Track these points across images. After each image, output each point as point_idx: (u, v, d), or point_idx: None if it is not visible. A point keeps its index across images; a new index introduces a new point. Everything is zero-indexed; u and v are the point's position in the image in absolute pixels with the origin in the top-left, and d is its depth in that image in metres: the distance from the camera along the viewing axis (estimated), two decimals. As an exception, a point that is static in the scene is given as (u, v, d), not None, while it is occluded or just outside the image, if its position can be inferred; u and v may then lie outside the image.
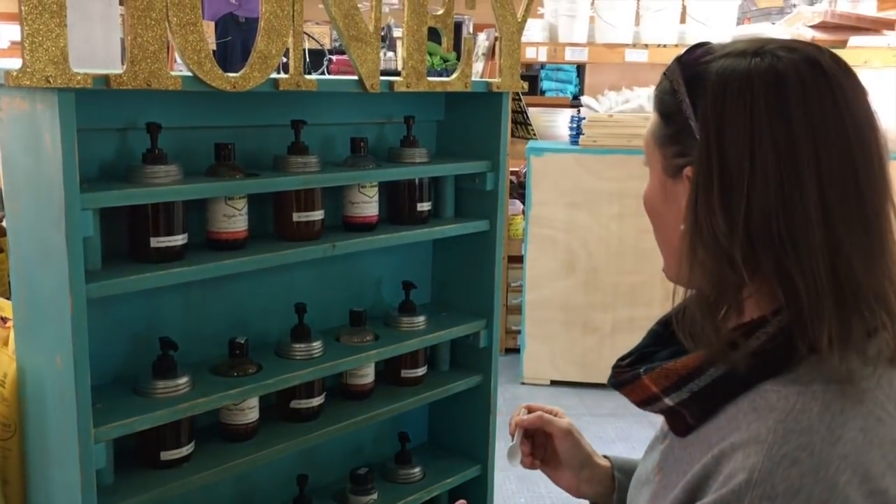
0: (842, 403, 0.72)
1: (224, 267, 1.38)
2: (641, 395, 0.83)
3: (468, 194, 1.80)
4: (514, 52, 1.69)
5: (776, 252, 0.72)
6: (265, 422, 1.57)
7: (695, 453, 0.78)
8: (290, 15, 1.35)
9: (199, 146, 1.47)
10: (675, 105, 0.80)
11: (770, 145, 0.73)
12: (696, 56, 0.80)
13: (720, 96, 0.76)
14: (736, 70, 0.76)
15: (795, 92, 0.74)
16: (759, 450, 0.70)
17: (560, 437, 1.06)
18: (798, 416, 0.71)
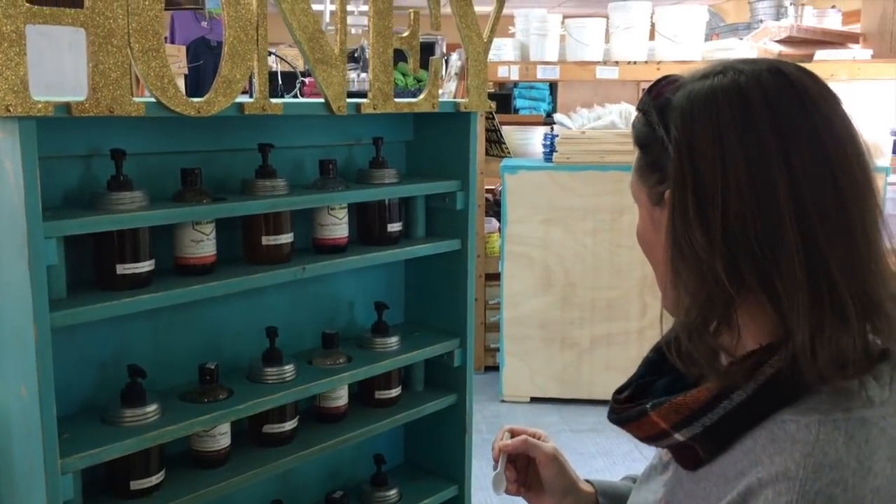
0: (866, 433, 0.69)
1: (191, 293, 1.37)
2: (649, 432, 0.80)
3: (439, 214, 1.81)
4: (480, 72, 1.71)
5: (756, 259, 0.71)
6: (237, 447, 1.55)
7: (710, 488, 0.76)
8: (255, 39, 1.35)
9: (167, 172, 1.46)
10: (650, 134, 0.80)
11: (740, 153, 0.72)
12: (664, 85, 0.81)
13: (687, 115, 0.76)
14: (701, 90, 0.76)
15: (759, 99, 0.73)
16: (792, 487, 0.67)
17: (545, 463, 1.03)
18: (825, 448, 0.68)
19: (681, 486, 0.82)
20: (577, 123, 3.81)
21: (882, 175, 3.51)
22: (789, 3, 4.55)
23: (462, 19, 1.66)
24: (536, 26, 4.18)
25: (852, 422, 0.70)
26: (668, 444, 0.80)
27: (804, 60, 4.07)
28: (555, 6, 7.66)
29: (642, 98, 0.83)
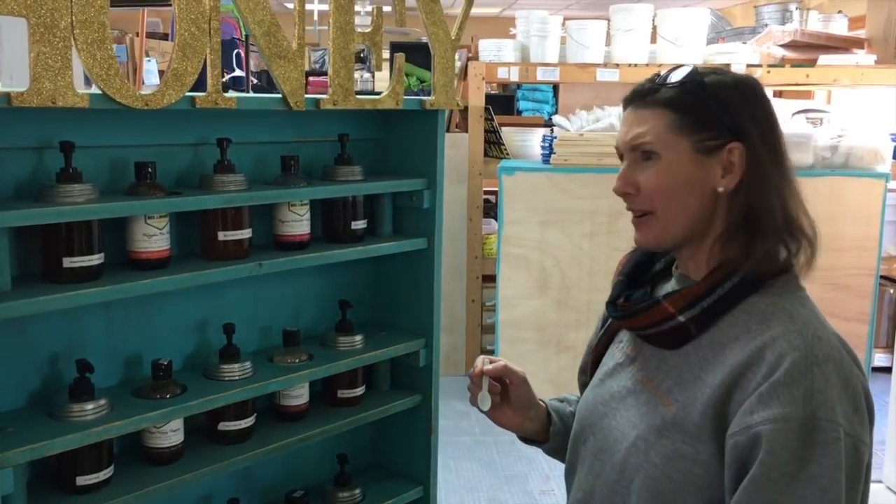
0: (807, 301, 1.05)
1: (140, 287, 1.36)
2: (655, 318, 1.07)
3: (406, 212, 1.79)
4: (447, 69, 1.69)
5: (792, 197, 1.06)
6: (193, 444, 1.54)
7: (704, 354, 1.04)
8: (207, 32, 1.34)
9: (125, 165, 1.46)
10: (695, 102, 1.06)
11: (771, 124, 1.07)
12: (692, 73, 1.08)
13: (743, 95, 1.07)
14: (732, 81, 1.08)
15: (762, 92, 1.09)
16: (797, 336, 0.99)
17: (518, 384, 1.25)
18: (799, 310, 1.03)
19: (664, 364, 1.08)
20: (575, 125, 3.78)
21: (882, 181, 3.45)
22: (795, 8, 4.49)
23: (428, 16, 1.64)
24: (537, 28, 4.16)
25: (798, 296, 1.05)
26: (666, 328, 1.07)
27: (807, 65, 4.01)
28: (561, 9, 7.63)
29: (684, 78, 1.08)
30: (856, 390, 0.99)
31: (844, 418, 0.95)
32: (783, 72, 3.99)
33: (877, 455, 3.29)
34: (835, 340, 1.02)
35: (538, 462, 3.21)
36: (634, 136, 1.08)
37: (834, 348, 1.00)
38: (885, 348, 3.87)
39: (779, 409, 0.94)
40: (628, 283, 1.18)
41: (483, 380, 1.21)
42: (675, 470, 1.01)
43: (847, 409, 0.96)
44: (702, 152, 1.06)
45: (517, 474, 3.12)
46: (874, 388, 3.94)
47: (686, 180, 1.07)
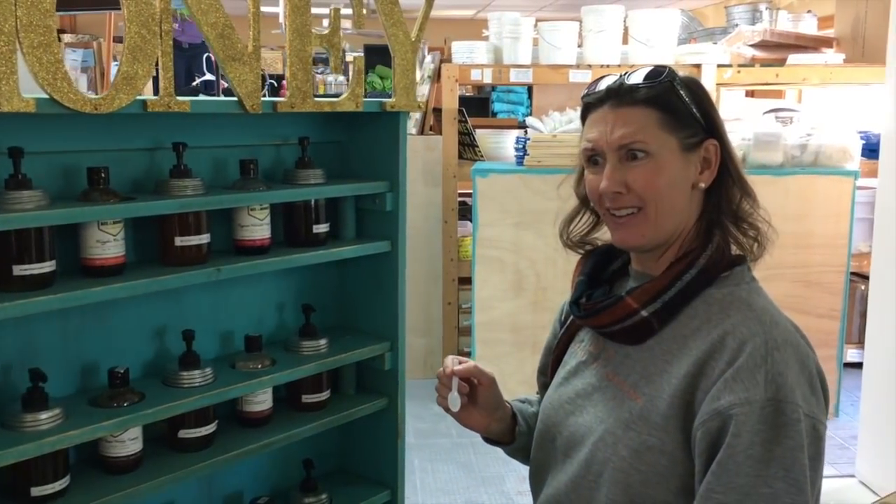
0: (761, 290, 1.10)
1: (93, 294, 1.34)
2: (620, 314, 1.09)
3: (369, 215, 1.78)
4: (408, 71, 1.68)
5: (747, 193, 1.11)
6: (152, 453, 1.52)
7: (668, 347, 1.06)
8: (158, 35, 1.33)
9: (79, 171, 1.43)
10: (677, 100, 1.08)
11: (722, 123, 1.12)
12: (671, 71, 1.10)
13: (706, 94, 1.12)
14: (688, 80, 1.11)
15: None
16: (756, 323, 1.03)
17: (487, 385, 1.26)
18: (755, 299, 1.07)
19: (628, 359, 1.10)
20: (548, 127, 3.79)
21: (851, 179, 3.48)
22: (765, 8, 4.53)
23: (387, 17, 1.63)
24: (509, 29, 4.16)
25: (752, 287, 1.10)
26: (630, 323, 1.09)
27: (777, 64, 4.04)
28: (535, 11, 7.65)
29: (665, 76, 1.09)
30: (811, 372, 1.03)
31: (803, 400, 0.99)
32: (753, 71, 4.01)
33: (849, 450, 3.32)
34: (790, 325, 1.07)
35: (515, 463, 3.19)
36: (623, 134, 1.06)
37: (790, 332, 1.05)
38: (856, 344, 3.89)
39: (743, 394, 0.98)
40: (589, 283, 1.19)
41: (452, 380, 1.22)
42: (643, 462, 1.03)
43: (805, 390, 1.00)
44: (685, 149, 1.09)
45: (494, 475, 3.12)
46: (847, 385, 3.97)
47: (675, 178, 1.08)
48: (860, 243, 3.83)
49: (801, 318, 1.00)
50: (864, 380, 3.10)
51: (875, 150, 3.24)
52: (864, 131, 3.84)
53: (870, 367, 3.07)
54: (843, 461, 3.26)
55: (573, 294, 1.20)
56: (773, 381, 0.98)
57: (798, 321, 1.12)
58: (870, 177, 3.57)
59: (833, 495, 2.99)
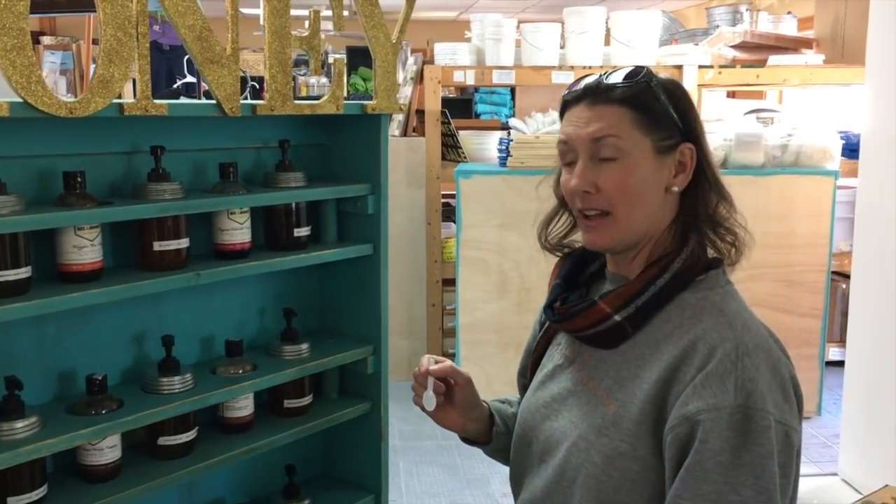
0: (736, 295, 1.09)
1: (70, 300, 1.32)
2: (593, 319, 1.09)
3: (351, 218, 1.77)
4: (389, 73, 1.67)
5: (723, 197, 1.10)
6: (131, 460, 1.50)
7: (641, 352, 1.06)
8: (135, 37, 1.31)
9: (55, 175, 1.41)
10: (654, 99, 1.06)
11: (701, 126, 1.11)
12: (649, 72, 1.09)
13: (686, 97, 1.10)
14: (675, 84, 1.10)
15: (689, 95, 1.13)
16: (727, 328, 1.03)
17: (463, 385, 1.26)
18: (729, 303, 1.06)
19: (602, 363, 1.10)
20: (531, 128, 3.79)
21: (832, 179, 3.51)
22: (745, 9, 4.55)
23: (368, 19, 1.62)
24: (492, 31, 4.16)
25: (727, 291, 1.08)
26: (604, 328, 1.08)
27: (757, 65, 4.06)
28: (517, 12, 7.65)
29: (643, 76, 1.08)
30: (784, 378, 1.02)
31: (775, 406, 0.98)
32: (734, 72, 4.03)
33: (831, 448, 3.34)
34: (763, 330, 1.06)
35: (500, 465, 3.19)
36: (597, 129, 1.05)
37: (762, 337, 1.04)
38: (838, 342, 3.92)
39: (712, 399, 0.97)
40: (565, 286, 1.19)
41: (428, 380, 1.22)
42: (615, 468, 1.03)
43: (777, 397, 0.99)
44: (659, 151, 1.08)
45: (479, 478, 3.11)
46: (829, 383, 3.99)
47: (647, 179, 1.07)
48: (841, 242, 3.86)
49: (783, 318, 1.01)
50: (846, 378, 3.12)
51: (855, 150, 3.27)
52: (845, 131, 3.87)
53: (851, 365, 3.09)
54: (825, 459, 3.28)
55: (548, 297, 1.19)
56: (742, 388, 0.97)
57: (780, 320, 1.12)
58: (850, 176, 3.60)
59: (816, 493, 3.01)
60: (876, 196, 2.90)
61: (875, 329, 2.92)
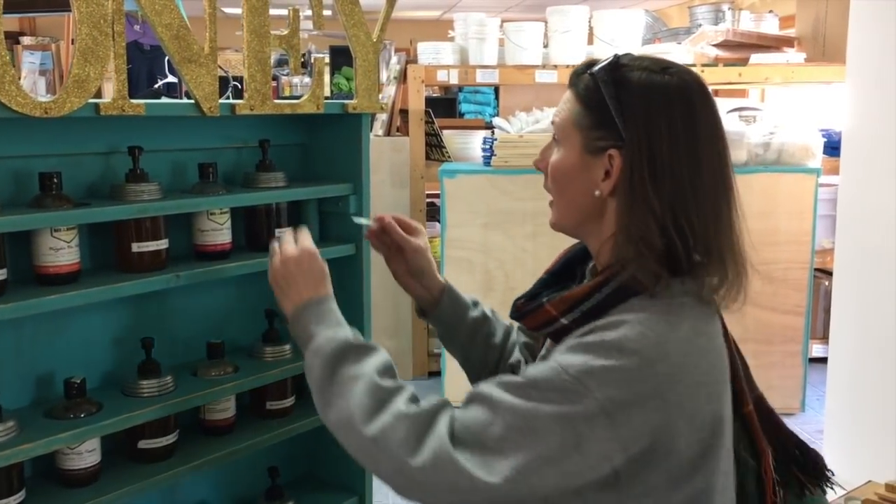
0: (684, 309, 1.05)
1: (46, 303, 1.31)
2: (542, 320, 1.10)
3: (333, 218, 1.76)
4: (370, 73, 1.66)
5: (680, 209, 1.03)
6: (111, 464, 1.49)
7: None
8: (110, 36, 1.30)
9: (31, 176, 1.39)
10: (600, 99, 1.04)
11: (683, 142, 1.03)
12: (615, 64, 1.06)
13: (649, 102, 1.03)
14: (654, 83, 1.04)
15: (700, 104, 1.05)
16: (635, 326, 1.01)
17: (410, 251, 1.39)
18: (663, 312, 1.03)
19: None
20: (515, 127, 3.79)
21: (814, 176, 3.53)
22: (727, 8, 4.57)
23: (348, 18, 1.61)
24: (475, 30, 4.16)
25: (677, 303, 1.05)
26: (553, 328, 1.09)
27: (739, 64, 4.08)
28: (501, 11, 7.66)
29: (598, 69, 1.06)
30: (637, 391, 0.98)
31: (610, 402, 0.97)
32: (716, 71, 4.05)
33: (815, 444, 3.35)
34: (673, 349, 1.00)
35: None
36: (555, 112, 1.13)
37: (665, 354, 0.99)
38: (821, 339, 3.95)
39: (561, 355, 1.02)
40: (551, 280, 1.21)
41: (376, 219, 1.41)
42: None
43: (612, 391, 0.97)
44: (589, 151, 1.07)
45: (464, 478, 3.11)
46: (812, 380, 4.01)
47: (571, 175, 1.09)
48: (823, 240, 3.89)
49: (766, 315, 1.00)
50: (829, 375, 3.13)
51: (837, 148, 3.29)
52: (826, 129, 3.89)
53: (834, 362, 3.11)
54: (809, 455, 3.30)
55: (527, 291, 1.21)
56: (589, 370, 0.98)
57: (764, 317, 1.11)
58: (832, 174, 3.62)
59: (800, 489, 3.02)
60: (857, 193, 2.92)
61: (857, 325, 2.94)
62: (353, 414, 1.07)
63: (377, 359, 1.16)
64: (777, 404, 4.12)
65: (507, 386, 1.02)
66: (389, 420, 1.04)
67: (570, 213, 1.12)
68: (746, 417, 1.16)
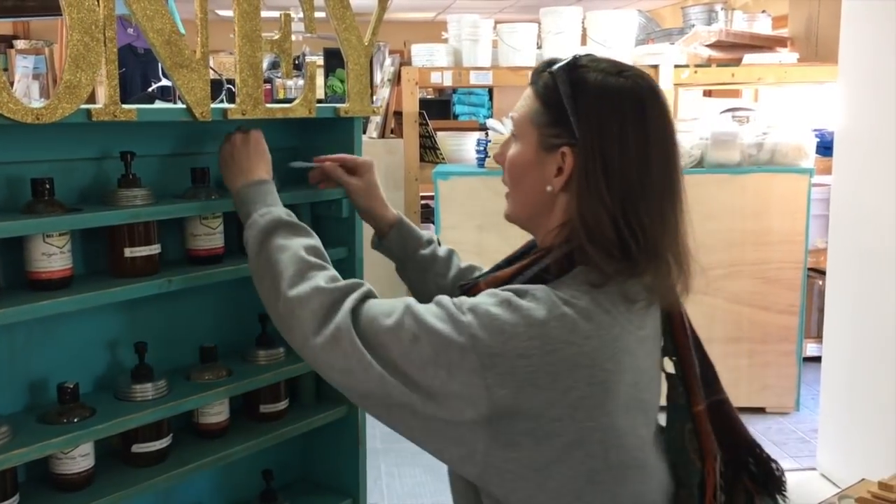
0: (586, 294, 1.08)
1: (38, 309, 1.31)
2: (475, 295, 1.14)
3: (326, 222, 1.76)
4: (362, 76, 1.66)
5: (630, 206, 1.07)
6: (105, 469, 1.49)
7: None
8: (102, 42, 1.30)
9: (23, 182, 1.40)
10: (557, 98, 1.09)
11: (634, 143, 1.08)
12: (573, 65, 1.11)
13: (602, 104, 1.08)
14: (609, 85, 1.09)
15: (651, 108, 1.10)
16: (539, 295, 1.07)
17: (352, 193, 1.58)
18: (569, 300, 1.07)
19: None
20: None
21: (807, 176, 3.54)
22: (720, 8, 4.59)
23: (340, 22, 1.61)
24: (469, 31, 4.16)
25: (583, 289, 1.09)
26: None
27: (732, 64, 4.10)
28: (495, 12, 7.67)
29: (557, 68, 1.11)
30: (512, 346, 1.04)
31: (484, 346, 1.03)
32: (710, 71, 4.06)
33: (810, 443, 3.37)
34: (558, 323, 1.05)
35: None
36: (513, 112, 1.19)
37: (547, 323, 1.04)
38: (815, 338, 3.96)
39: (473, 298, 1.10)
40: (503, 265, 1.26)
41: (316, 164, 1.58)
42: None
43: (497, 350, 1.03)
44: (544, 148, 1.13)
45: (460, 480, 3.11)
46: (806, 379, 4.03)
47: (526, 170, 1.15)
48: (817, 239, 3.90)
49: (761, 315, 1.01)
50: (824, 374, 3.15)
51: (829, 148, 3.30)
52: (819, 129, 3.91)
53: (828, 361, 3.12)
54: (804, 454, 3.31)
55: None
56: (478, 312, 1.05)
57: (758, 317, 1.11)
58: (825, 174, 3.64)
59: (795, 488, 3.02)
60: (850, 193, 2.93)
61: (851, 325, 2.96)
62: (276, 281, 1.21)
63: (307, 240, 1.31)
64: (772, 403, 4.16)
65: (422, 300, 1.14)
66: (307, 291, 1.16)
67: (524, 206, 1.18)
68: (695, 417, 1.17)
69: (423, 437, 1.10)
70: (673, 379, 1.20)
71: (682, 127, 3.58)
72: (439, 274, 1.52)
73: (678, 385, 1.19)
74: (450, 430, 1.07)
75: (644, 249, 1.08)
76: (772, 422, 3.59)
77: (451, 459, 1.12)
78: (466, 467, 1.10)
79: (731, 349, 3.55)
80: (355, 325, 1.10)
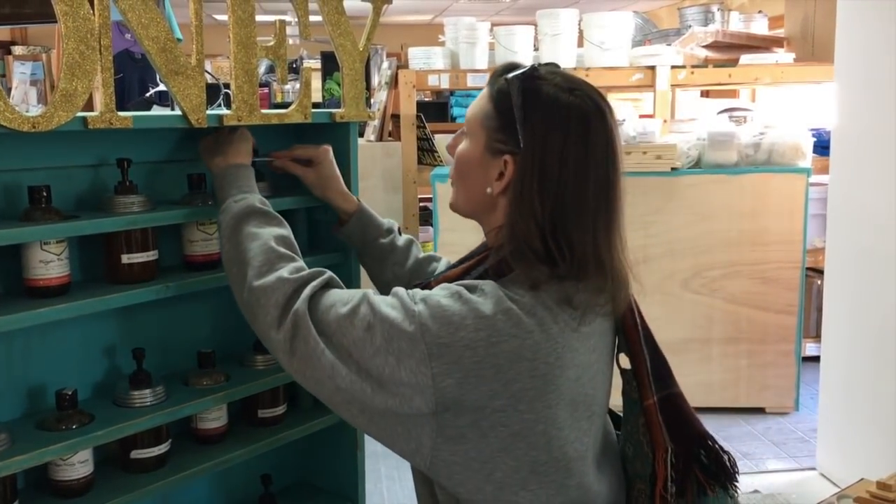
0: (522, 296, 1.11)
1: (36, 316, 1.31)
2: None
3: (322, 227, 1.77)
4: (357, 81, 1.67)
5: (560, 221, 1.11)
6: (104, 475, 1.49)
7: None
8: (97, 50, 1.30)
9: (20, 190, 1.40)
10: (508, 107, 1.13)
11: (573, 160, 1.12)
12: (529, 75, 1.14)
13: (548, 119, 1.12)
14: (559, 100, 1.12)
15: (595, 128, 1.13)
16: (485, 287, 1.12)
17: (308, 183, 1.62)
18: (510, 295, 1.11)
19: None
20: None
21: (804, 176, 3.55)
22: (717, 9, 4.60)
23: (335, 28, 1.62)
24: (466, 34, 4.17)
25: (518, 291, 1.12)
26: None
27: (729, 65, 4.10)
28: (491, 15, 7.68)
29: (512, 78, 1.13)
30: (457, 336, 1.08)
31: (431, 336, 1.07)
32: (706, 72, 4.07)
33: (809, 443, 3.37)
34: (504, 316, 1.08)
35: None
36: (469, 109, 1.23)
37: (492, 317, 1.08)
38: (814, 338, 3.96)
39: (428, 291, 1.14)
40: (457, 263, 1.30)
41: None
42: None
43: (444, 340, 1.07)
44: (489, 151, 1.17)
45: (460, 482, 3.11)
46: (805, 378, 4.02)
47: (472, 168, 1.20)
48: (814, 239, 3.90)
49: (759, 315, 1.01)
50: (822, 373, 3.15)
51: (826, 147, 3.31)
52: (816, 129, 3.91)
53: (827, 360, 3.12)
54: (803, 454, 3.31)
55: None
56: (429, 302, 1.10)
57: (756, 317, 1.12)
58: (822, 173, 3.64)
59: (794, 488, 3.04)
60: (847, 192, 2.94)
61: (849, 324, 2.96)
62: (243, 269, 1.25)
63: (278, 229, 1.33)
64: (771, 404, 4.15)
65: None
66: (271, 282, 1.20)
67: (466, 201, 1.24)
68: (646, 410, 1.22)
69: (374, 430, 1.16)
70: (627, 374, 1.25)
71: (679, 128, 3.59)
72: (397, 263, 1.57)
73: (631, 380, 1.23)
74: (399, 423, 1.12)
75: (571, 264, 1.12)
76: (771, 422, 3.59)
77: (402, 452, 1.16)
78: (416, 460, 1.14)
79: (730, 349, 3.56)
80: (312, 311, 1.15)
